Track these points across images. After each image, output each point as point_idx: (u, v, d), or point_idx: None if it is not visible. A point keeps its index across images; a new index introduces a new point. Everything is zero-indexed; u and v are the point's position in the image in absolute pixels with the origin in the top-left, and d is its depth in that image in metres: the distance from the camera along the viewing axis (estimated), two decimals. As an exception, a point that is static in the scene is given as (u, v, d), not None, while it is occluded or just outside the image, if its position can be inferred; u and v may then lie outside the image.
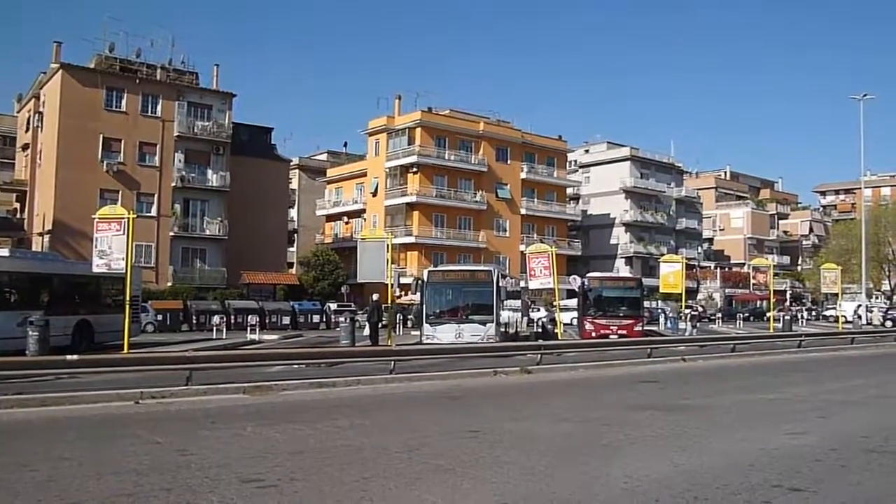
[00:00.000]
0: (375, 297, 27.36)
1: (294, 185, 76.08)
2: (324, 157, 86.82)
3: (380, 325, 28.01)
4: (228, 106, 56.45)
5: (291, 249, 71.70)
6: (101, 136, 50.37)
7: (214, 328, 37.72)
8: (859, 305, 56.03)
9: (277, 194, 62.82)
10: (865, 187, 79.26)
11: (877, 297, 74.56)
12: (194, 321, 43.07)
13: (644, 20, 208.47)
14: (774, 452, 9.57)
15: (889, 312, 59.25)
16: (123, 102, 51.55)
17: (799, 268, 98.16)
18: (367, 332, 26.18)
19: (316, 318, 47.80)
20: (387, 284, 25.29)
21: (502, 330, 27.41)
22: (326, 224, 77.44)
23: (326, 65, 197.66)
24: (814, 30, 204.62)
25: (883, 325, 52.19)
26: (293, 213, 75.58)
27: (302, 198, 78.45)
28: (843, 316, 50.30)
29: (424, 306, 26.31)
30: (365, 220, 70.20)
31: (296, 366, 18.78)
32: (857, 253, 60.43)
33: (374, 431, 10.98)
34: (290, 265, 68.99)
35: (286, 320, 45.98)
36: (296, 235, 75.51)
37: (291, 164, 72.82)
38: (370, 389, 16.34)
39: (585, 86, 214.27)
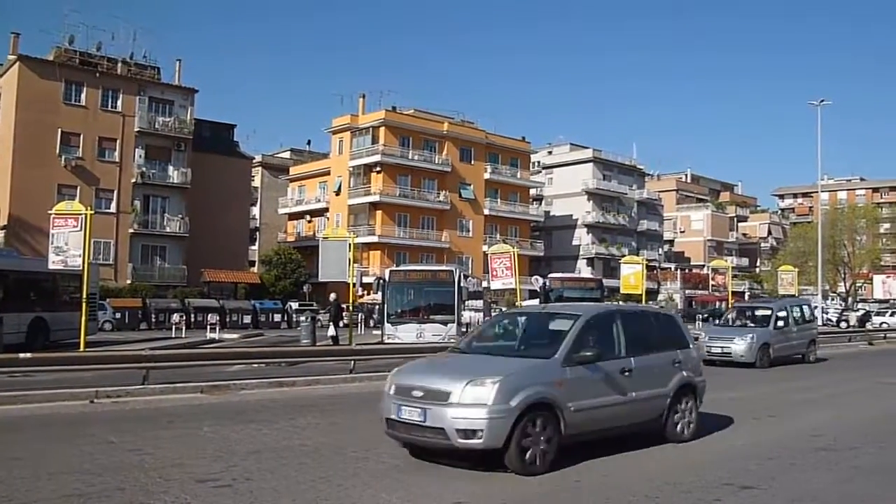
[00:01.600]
0: (333, 296, 27.24)
1: (256, 182, 75.55)
2: (287, 154, 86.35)
3: (339, 325, 27.90)
4: (190, 102, 55.88)
5: (253, 248, 71.22)
6: (60, 130, 49.53)
7: (174, 327, 37.29)
8: (815, 307, 56.95)
9: (240, 192, 62.31)
10: (822, 191, 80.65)
11: (832, 299, 75.95)
12: (153, 319, 42.52)
13: (607, 25, 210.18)
14: (727, 451, 9.75)
15: (844, 314, 60.44)
16: (83, 96, 50.78)
17: (757, 269, 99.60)
18: (331, 332, 26.02)
19: (277, 318, 47.45)
20: (349, 284, 25.19)
21: (464, 330, 27.42)
22: (289, 222, 77.02)
23: (291, 62, 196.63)
24: (774, 34, 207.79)
25: (838, 325, 53.16)
26: (255, 210, 75.03)
27: (264, 196, 77.93)
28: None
29: (386, 306, 26.27)
30: (328, 218, 69.90)
31: (255, 365, 18.64)
32: (814, 255, 61.51)
33: (332, 431, 10.96)
34: (252, 264, 68.50)
35: (247, 319, 45.57)
36: (258, 234, 75.01)
37: (254, 161, 72.29)
38: (330, 389, 16.30)
39: (550, 88, 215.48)
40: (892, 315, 56.96)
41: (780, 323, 24.01)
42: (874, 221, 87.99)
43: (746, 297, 77.07)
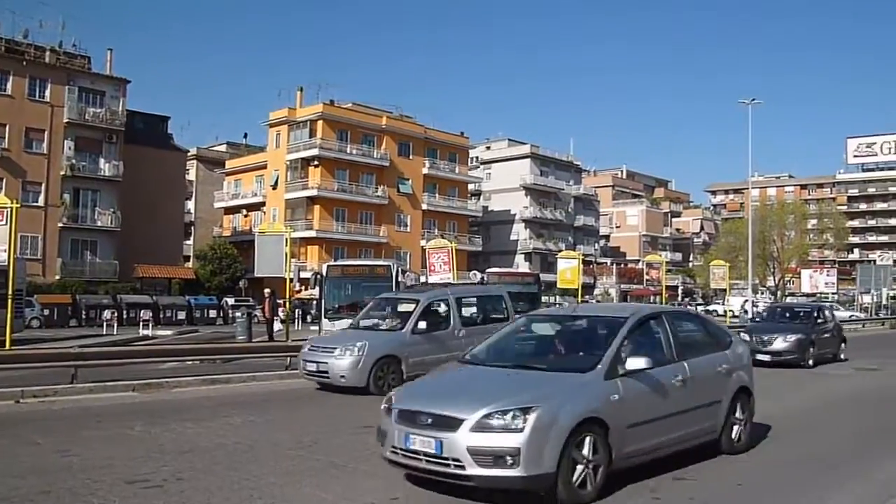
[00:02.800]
0: (268, 291, 26.91)
1: (191, 175, 74.19)
2: (223, 147, 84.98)
3: (275, 320, 27.60)
4: (122, 92, 54.60)
5: (188, 242, 69.95)
6: (-17, 120, 47.99)
7: (105, 323, 36.45)
8: (746, 300, 58.41)
9: (174, 185, 61.14)
10: (753, 188, 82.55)
11: (762, 293, 77.96)
12: (84, 316, 41.51)
13: (544, 22, 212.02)
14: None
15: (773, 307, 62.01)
16: (9, 85, 49.20)
17: (690, 264, 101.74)
18: (278, 326, 25.75)
19: (213, 313, 46.77)
20: (285, 279, 24.90)
21: (402, 325, 27.37)
22: (225, 217, 75.82)
23: (227, 54, 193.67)
24: (707, 33, 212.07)
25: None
26: (190, 204, 73.66)
27: (199, 189, 76.54)
28: (730, 311, 52.43)
29: (323, 301, 26.02)
30: (264, 213, 69.05)
31: (189, 362, 18.32)
32: (745, 250, 62.96)
33: (267, 429, 10.81)
34: (187, 258, 67.30)
35: (181, 315, 44.80)
36: (192, 228, 73.63)
37: (189, 154, 70.97)
38: (266, 386, 16.09)
39: (488, 84, 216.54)
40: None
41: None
42: (802, 217, 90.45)
43: (679, 292, 78.72)
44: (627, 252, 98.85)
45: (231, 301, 49.57)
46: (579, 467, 6.75)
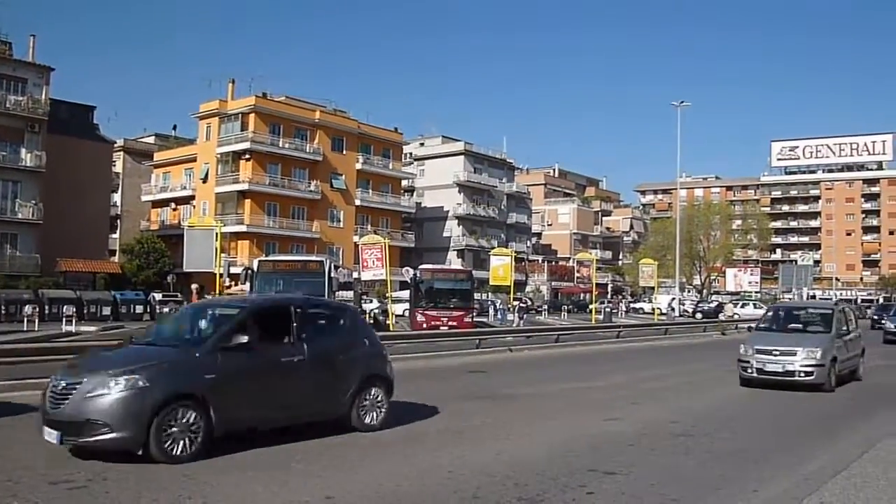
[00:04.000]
0: (195, 287, 26.43)
1: (118, 168, 72.23)
2: (151, 139, 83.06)
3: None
4: (46, 80, 52.78)
5: (114, 236, 68.21)
6: None
7: (26, 319, 35.19)
8: (673, 298, 59.65)
9: (99, 177, 59.40)
10: (681, 188, 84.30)
11: (689, 291, 79.72)
12: (3, 312, 39.98)
13: (478, 24, 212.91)
14: (592, 439, 10.01)
15: (700, 305, 63.54)
16: (-78, 71, 47.22)
17: (620, 262, 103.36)
18: None
19: (139, 309, 45.65)
20: (215, 274, 24.49)
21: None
22: (152, 210, 74.10)
23: (157, 43, 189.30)
24: (640, 38, 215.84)
25: (693, 316, 55.85)
26: (116, 197, 71.67)
27: (126, 182, 74.54)
28: (658, 308, 53.49)
29: (254, 297, 25.67)
30: (194, 206, 67.76)
31: (115, 358, 17.80)
32: (673, 249, 64.28)
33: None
34: (113, 253, 65.63)
35: (107, 311, 43.53)
36: (119, 221, 71.80)
37: (115, 145, 69.00)
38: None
39: (423, 81, 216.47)
40: (743, 306, 60.19)
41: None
42: (727, 218, 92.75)
43: (609, 290, 79.90)
44: (559, 250, 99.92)
45: (159, 296, 48.44)
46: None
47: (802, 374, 15.34)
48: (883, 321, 37.47)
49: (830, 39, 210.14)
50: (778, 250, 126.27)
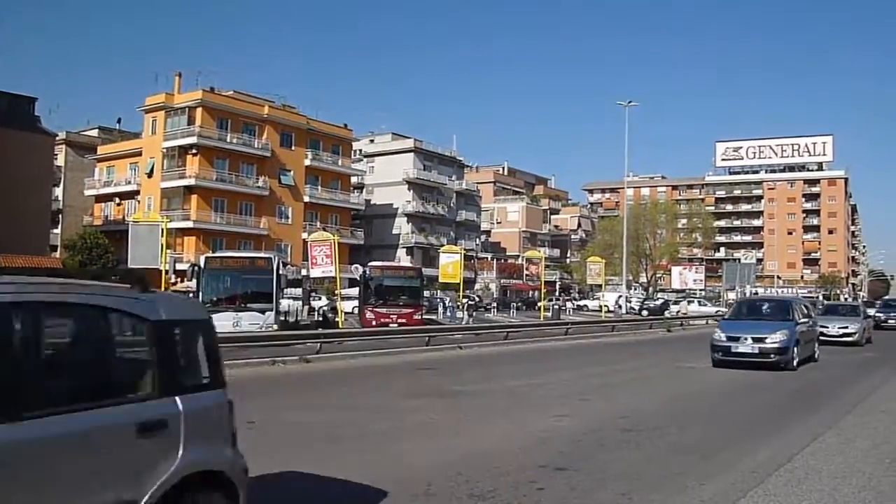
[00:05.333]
0: (140, 283, 25.91)
1: (60, 161, 70.59)
2: (94, 132, 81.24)
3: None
4: (-17, 72, 51.42)
5: (55, 231, 66.66)
6: None
7: (-38, 316, 34.20)
8: (620, 296, 60.35)
9: (40, 171, 57.82)
10: (628, 187, 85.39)
11: (635, 289, 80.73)
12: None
13: (428, 19, 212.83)
14: (542, 435, 10.05)
15: (646, 302, 64.42)
16: None
17: (568, 260, 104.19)
18: None
19: (81, 306, 44.65)
20: (160, 270, 24.10)
21: (282, 318, 26.95)
22: (96, 205, 72.61)
23: (101, 33, 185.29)
24: (588, 38, 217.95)
25: (640, 313, 56.60)
26: (58, 192, 70.13)
27: (69, 176, 72.89)
28: (605, 305, 54.11)
29: (200, 294, 25.31)
30: (139, 202, 66.49)
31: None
32: (619, 247, 65.11)
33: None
34: (54, 248, 64.14)
35: (47, 307, 42.57)
36: (61, 216, 70.22)
37: (57, 138, 67.30)
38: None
39: (373, 77, 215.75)
40: (689, 303, 61.19)
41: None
42: (673, 217, 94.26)
43: (557, 287, 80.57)
44: (508, 248, 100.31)
45: (102, 293, 47.50)
46: None
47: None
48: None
49: (775, 43, 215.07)
50: (722, 249, 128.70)
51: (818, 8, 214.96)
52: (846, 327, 27.65)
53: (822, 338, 23.43)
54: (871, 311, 39.40)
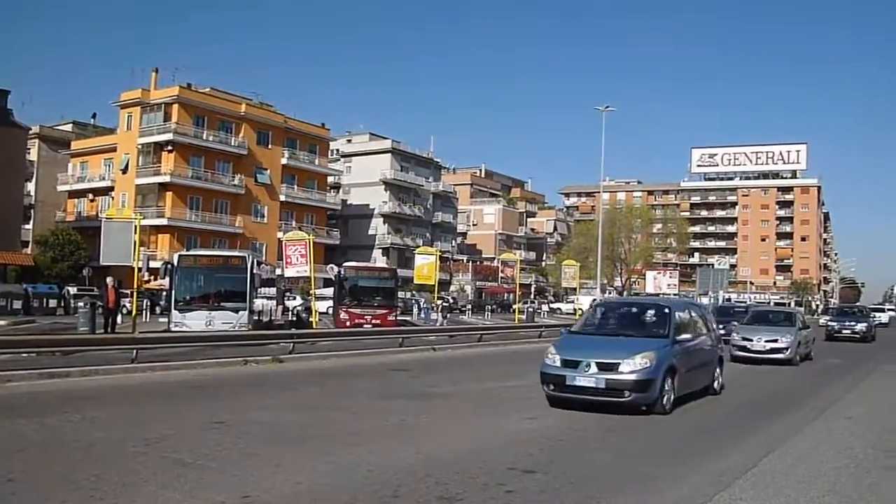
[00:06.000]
0: (110, 280, 25.69)
1: (33, 156, 69.81)
2: (69, 127, 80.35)
3: (118, 311, 26.40)
4: (-44, 64, 50.74)
5: (27, 227, 65.84)
6: None
7: (-70, 312, 33.81)
8: (594, 300, 60.54)
9: (12, 165, 57.19)
10: (604, 192, 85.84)
11: (610, 292, 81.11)
12: None
13: (408, 20, 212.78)
14: (512, 437, 10.08)
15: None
16: None
17: (543, 263, 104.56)
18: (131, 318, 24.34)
19: (53, 303, 44.15)
20: (133, 268, 23.86)
21: (256, 318, 26.84)
22: (69, 201, 71.76)
23: (76, 27, 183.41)
24: (567, 41, 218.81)
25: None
26: (30, 186, 69.27)
27: (41, 171, 72.00)
28: (579, 308, 54.31)
29: (173, 292, 25.15)
30: (113, 198, 65.86)
31: (25, 355, 17.19)
32: (595, 251, 65.38)
33: (109, 425, 10.30)
34: (26, 244, 63.37)
35: (17, 304, 41.94)
36: (33, 211, 69.35)
37: (30, 132, 66.61)
38: (109, 380, 15.34)
39: (352, 78, 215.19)
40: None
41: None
42: (648, 221, 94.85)
43: (532, 290, 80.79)
44: (483, 250, 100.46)
45: (73, 290, 47.00)
46: None
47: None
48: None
49: (751, 52, 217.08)
50: (696, 254, 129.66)
51: (793, 19, 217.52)
52: (775, 340, 22.28)
53: (744, 354, 22.22)
54: (823, 320, 38.03)
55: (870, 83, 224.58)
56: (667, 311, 13.50)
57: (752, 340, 22.51)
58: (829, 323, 37.65)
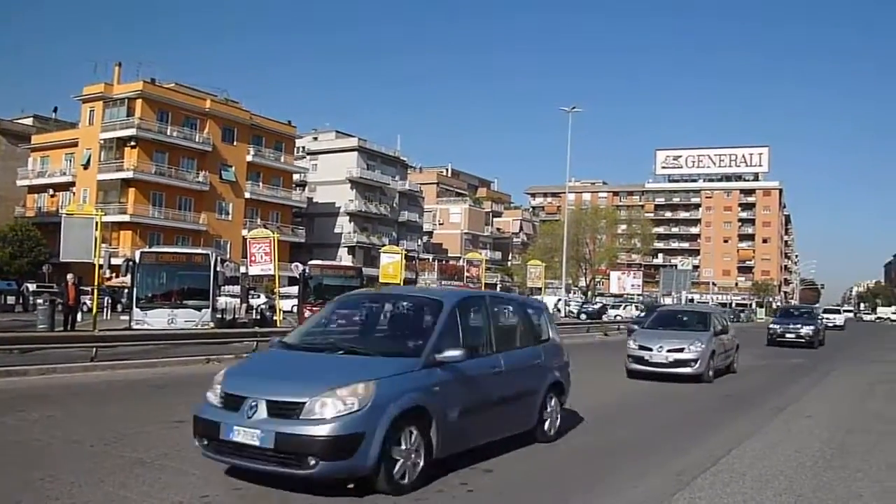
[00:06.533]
0: (70, 277, 25.34)
1: (-9, 150, 68.69)
2: (29, 121, 79.03)
3: (79, 309, 26.05)
4: (-88, 56, 49.73)
5: (-15, 222, 64.72)
6: None
7: None
8: (559, 300, 60.92)
9: (-30, 159, 56.33)
10: (569, 192, 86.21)
11: (574, 293, 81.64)
12: None
13: (376, 17, 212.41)
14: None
15: (584, 306, 65.17)
16: None
17: (509, 263, 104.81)
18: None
19: (11, 300, 43.51)
20: (94, 265, 23.53)
21: (219, 316, 26.63)
22: (28, 196, 70.63)
23: (36, 20, 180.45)
24: (534, 42, 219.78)
25: (578, 317, 57.21)
26: (-11, 181, 68.18)
27: (0, 165, 70.89)
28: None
29: (135, 289, 24.89)
30: (74, 194, 64.93)
31: (-20, 352, 16.90)
32: (560, 251, 65.69)
33: (67, 424, 10.15)
34: (-17, 240, 62.28)
35: (-26, 301, 41.41)
36: (-9, 207, 68.20)
37: (-11, 126, 65.68)
38: (68, 378, 15.12)
39: (318, 75, 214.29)
40: (625, 308, 62.04)
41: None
42: (613, 222, 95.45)
43: (498, 289, 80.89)
44: (449, 249, 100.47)
45: (33, 287, 46.30)
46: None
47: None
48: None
49: (716, 56, 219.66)
50: (660, 255, 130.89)
51: (756, 19, 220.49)
52: (681, 350, 17.46)
53: (642, 368, 17.78)
54: (773, 324, 34.02)
55: (831, 87, 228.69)
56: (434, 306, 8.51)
57: (651, 350, 17.88)
58: (772, 326, 34.31)
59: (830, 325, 48.76)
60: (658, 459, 9.09)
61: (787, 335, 32.07)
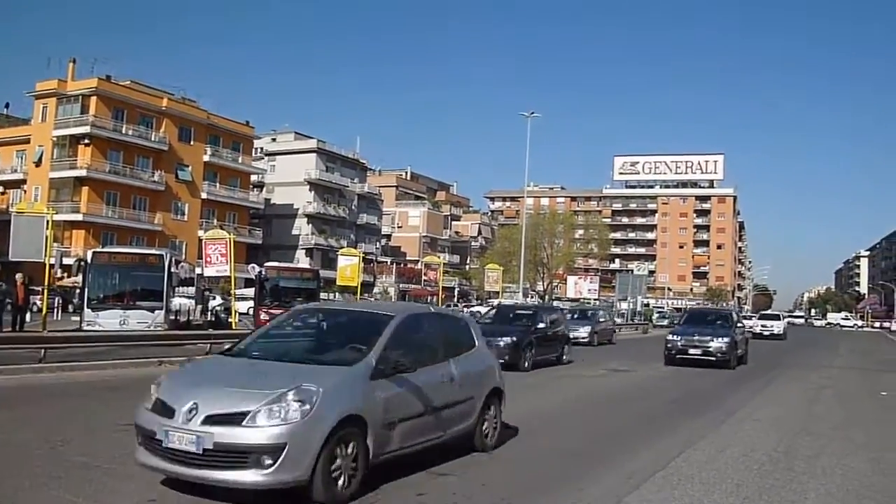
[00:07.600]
0: (19, 276, 24.84)
1: (-61, 146, 67.17)
2: (-21, 117, 77.63)
3: (28, 309, 25.55)
4: None
5: (-69, 220, 63.21)
6: None
7: None
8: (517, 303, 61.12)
9: (-83, 155, 55.01)
10: (528, 197, 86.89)
11: (532, 297, 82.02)
12: None
13: (337, 21, 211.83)
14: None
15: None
16: None
17: (468, 266, 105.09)
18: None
19: (-43, 299, 42.41)
20: (45, 264, 23.09)
21: (173, 318, 26.26)
22: (-23, 193, 69.28)
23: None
24: (494, 45, 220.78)
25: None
26: (-65, 178, 66.63)
27: (-52, 161, 69.41)
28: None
29: (87, 290, 24.48)
30: (25, 191, 63.78)
31: (-75, 352, 16.49)
32: (518, 255, 65.99)
33: (13, 427, 9.94)
34: (-71, 237, 60.81)
35: (-81, 300, 40.24)
36: (-63, 204, 66.68)
37: (-63, 122, 64.24)
38: (14, 380, 14.81)
39: (277, 75, 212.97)
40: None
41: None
42: (571, 227, 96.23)
43: (456, 293, 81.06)
44: (408, 252, 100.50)
45: (-21, 286, 45.22)
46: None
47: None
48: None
49: (674, 64, 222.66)
50: (617, 260, 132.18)
51: (715, 26, 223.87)
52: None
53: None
54: (672, 335, 24.77)
55: (784, 96, 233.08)
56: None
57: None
58: (671, 337, 24.60)
59: (766, 333, 47.12)
60: (612, 461, 9.18)
61: (692, 350, 23.48)
